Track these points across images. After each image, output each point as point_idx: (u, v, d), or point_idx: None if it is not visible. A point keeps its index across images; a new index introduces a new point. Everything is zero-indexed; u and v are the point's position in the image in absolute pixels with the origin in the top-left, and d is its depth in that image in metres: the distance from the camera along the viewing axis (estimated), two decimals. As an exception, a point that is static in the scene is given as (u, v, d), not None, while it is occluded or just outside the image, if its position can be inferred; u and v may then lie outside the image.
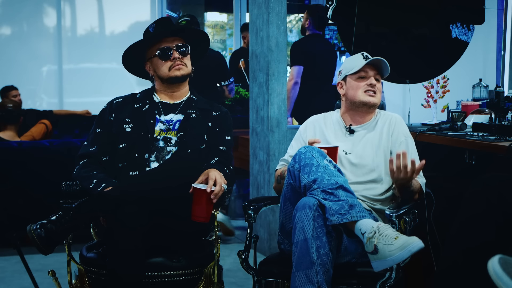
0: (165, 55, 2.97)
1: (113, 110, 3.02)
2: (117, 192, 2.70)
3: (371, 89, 2.92)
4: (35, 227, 2.57)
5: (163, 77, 3.01)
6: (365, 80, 2.93)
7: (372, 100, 2.94)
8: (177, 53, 2.97)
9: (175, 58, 2.97)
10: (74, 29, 7.55)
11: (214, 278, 2.83)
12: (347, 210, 2.54)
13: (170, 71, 2.98)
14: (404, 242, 2.44)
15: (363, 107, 2.95)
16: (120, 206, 2.64)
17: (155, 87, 3.09)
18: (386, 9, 4.27)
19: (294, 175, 2.69)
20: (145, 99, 3.05)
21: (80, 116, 6.55)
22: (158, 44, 2.99)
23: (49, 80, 7.44)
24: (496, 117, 3.65)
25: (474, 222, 2.48)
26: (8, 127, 5.58)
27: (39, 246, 2.58)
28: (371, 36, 4.26)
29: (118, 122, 2.98)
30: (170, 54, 2.97)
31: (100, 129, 3.01)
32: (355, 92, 2.94)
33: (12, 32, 7.43)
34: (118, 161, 2.94)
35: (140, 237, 2.64)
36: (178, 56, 2.98)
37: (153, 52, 2.99)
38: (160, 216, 2.76)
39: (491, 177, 2.55)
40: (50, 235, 2.58)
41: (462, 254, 2.47)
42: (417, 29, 4.34)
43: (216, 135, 3.01)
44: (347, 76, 2.98)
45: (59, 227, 2.60)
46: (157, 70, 3.01)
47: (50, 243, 2.60)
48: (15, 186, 4.84)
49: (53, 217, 2.62)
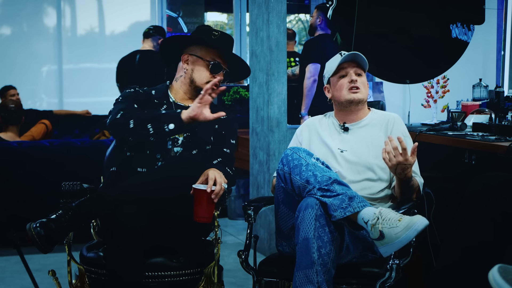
0: (215, 70, 2.94)
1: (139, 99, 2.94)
2: (116, 192, 2.70)
3: (354, 85, 2.93)
4: (34, 226, 2.57)
5: (197, 84, 2.95)
6: (346, 78, 2.94)
7: (357, 96, 2.93)
8: (223, 75, 2.96)
9: (218, 81, 2.84)
10: (74, 29, 7.55)
11: (214, 278, 2.84)
12: (348, 203, 2.56)
13: (208, 84, 2.81)
14: (408, 222, 2.45)
15: (350, 105, 2.96)
16: (119, 206, 2.64)
17: (173, 85, 3.03)
18: (386, 9, 4.27)
19: (285, 178, 2.70)
20: (162, 98, 3.00)
21: (80, 116, 6.55)
22: (212, 51, 2.95)
23: (49, 80, 7.45)
24: (496, 117, 3.65)
25: (473, 222, 2.48)
26: (10, 127, 5.58)
27: (39, 244, 2.58)
28: (371, 36, 4.25)
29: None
30: (219, 72, 2.95)
31: (131, 102, 2.90)
32: (339, 93, 2.94)
33: (12, 32, 7.43)
34: (128, 150, 2.92)
35: (139, 237, 2.64)
36: (222, 78, 2.96)
37: (205, 56, 2.94)
38: (160, 216, 2.77)
39: (490, 177, 2.55)
40: (50, 233, 2.58)
41: (461, 253, 2.48)
42: (417, 29, 4.34)
43: (221, 137, 3.02)
44: (329, 78, 2.99)
45: (59, 225, 2.60)
46: (195, 72, 2.96)
47: (50, 241, 2.59)
48: (15, 186, 4.84)
49: (53, 215, 2.62)
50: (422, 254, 3.34)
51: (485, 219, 2.45)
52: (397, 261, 2.63)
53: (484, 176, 2.57)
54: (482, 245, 2.43)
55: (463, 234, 2.50)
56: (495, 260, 2.12)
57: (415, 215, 2.49)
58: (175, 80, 3.05)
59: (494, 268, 1.96)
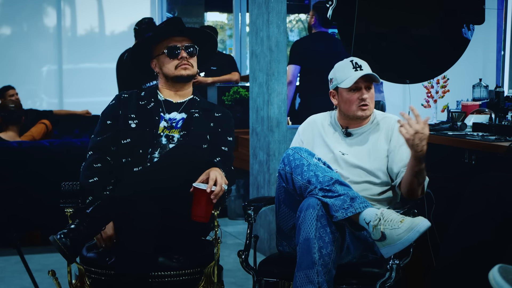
0: (172, 54, 3.00)
1: (121, 105, 3.04)
2: (129, 191, 2.70)
3: (364, 103, 2.90)
4: (59, 237, 2.60)
5: (168, 75, 3.03)
6: (357, 93, 2.88)
7: (366, 113, 2.91)
8: (185, 52, 3.00)
9: (182, 58, 2.99)
10: (74, 29, 7.55)
11: (214, 278, 2.84)
12: (349, 203, 2.56)
13: (176, 70, 3.00)
14: (410, 223, 2.45)
15: (357, 120, 2.95)
16: (135, 206, 2.65)
17: (158, 86, 3.11)
18: (386, 9, 4.27)
19: (286, 178, 2.70)
20: (149, 97, 3.07)
21: (80, 116, 6.54)
22: (167, 42, 3.01)
23: (49, 80, 7.45)
24: (496, 117, 3.65)
25: (473, 222, 2.48)
26: (10, 128, 5.58)
27: (67, 255, 2.61)
28: (371, 36, 4.25)
29: (124, 117, 2.99)
30: (178, 53, 2.99)
31: (110, 121, 3.01)
32: (348, 107, 2.91)
33: (12, 32, 7.43)
34: (122, 157, 2.95)
35: (153, 237, 2.65)
36: (186, 55, 3.00)
37: (161, 50, 3.01)
38: (162, 216, 2.76)
39: (490, 177, 2.55)
40: (74, 243, 2.61)
41: (461, 253, 2.48)
42: (417, 29, 4.34)
43: (218, 135, 3.02)
44: (338, 87, 2.95)
45: (80, 234, 2.63)
46: (163, 68, 3.03)
47: (75, 251, 2.63)
48: (15, 186, 4.83)
49: (72, 225, 2.65)
50: (422, 254, 3.34)
51: (485, 219, 2.45)
52: (397, 261, 2.63)
53: (484, 176, 2.57)
54: (482, 245, 2.43)
55: (463, 234, 2.50)
56: (495, 260, 2.12)
57: (417, 217, 2.49)
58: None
59: (495, 268, 1.96)
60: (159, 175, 2.76)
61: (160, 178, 2.75)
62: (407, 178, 2.77)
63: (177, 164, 2.77)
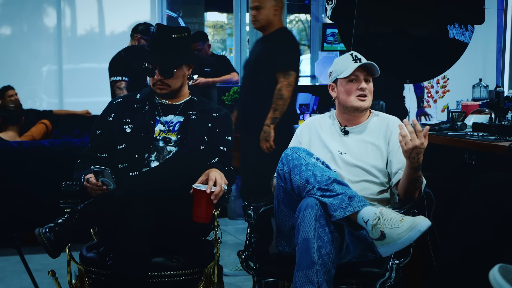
0: (149, 73, 3.00)
1: (113, 110, 3.03)
2: (122, 192, 2.70)
3: (362, 93, 2.92)
4: (44, 231, 2.58)
5: (152, 87, 3.04)
6: (355, 83, 2.91)
7: (364, 104, 2.92)
8: (159, 75, 2.97)
9: (158, 80, 2.97)
10: (74, 29, 7.55)
11: (214, 278, 2.84)
12: (347, 203, 2.56)
13: (154, 87, 3.01)
14: (411, 223, 2.45)
15: (355, 111, 2.95)
16: (128, 206, 2.64)
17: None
18: (385, 9, 4.27)
19: (285, 177, 2.70)
20: (145, 100, 3.06)
21: (80, 116, 6.54)
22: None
23: (49, 80, 7.44)
24: (496, 117, 3.65)
25: (473, 222, 2.48)
26: (10, 128, 5.58)
27: (49, 249, 2.59)
28: (370, 36, 4.26)
29: (118, 122, 2.99)
30: (153, 73, 2.98)
31: (100, 130, 3.02)
32: (346, 98, 2.93)
33: (12, 32, 7.43)
34: (118, 162, 2.94)
35: (148, 238, 2.65)
36: (160, 78, 2.97)
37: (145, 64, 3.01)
38: (161, 216, 2.76)
39: (490, 177, 2.55)
40: (59, 238, 2.59)
41: (461, 253, 2.48)
42: (417, 29, 4.34)
43: (216, 135, 3.02)
44: (337, 78, 2.96)
45: (66, 229, 2.61)
46: (149, 81, 3.05)
47: (59, 246, 2.61)
48: (15, 186, 4.84)
49: (59, 220, 2.63)
50: (422, 254, 3.34)
51: (485, 219, 2.45)
52: (397, 261, 2.63)
53: (484, 176, 2.57)
54: (482, 245, 2.43)
55: (463, 234, 2.50)
56: (495, 260, 2.12)
57: (418, 216, 2.49)
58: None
59: (495, 268, 1.96)
60: (156, 177, 2.76)
61: (156, 180, 2.75)
62: (404, 184, 2.79)
63: (175, 169, 2.77)
